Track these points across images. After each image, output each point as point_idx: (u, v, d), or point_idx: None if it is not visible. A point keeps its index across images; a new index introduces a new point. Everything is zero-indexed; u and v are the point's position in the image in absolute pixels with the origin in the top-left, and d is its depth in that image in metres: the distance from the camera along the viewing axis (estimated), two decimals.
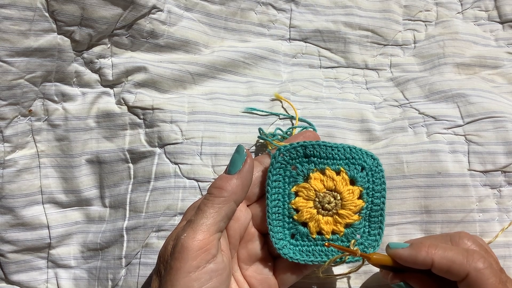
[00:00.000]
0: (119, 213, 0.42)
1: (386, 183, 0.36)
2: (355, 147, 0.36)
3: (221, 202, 0.32)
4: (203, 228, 0.31)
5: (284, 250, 0.35)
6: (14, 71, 0.39)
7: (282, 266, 0.36)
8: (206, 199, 0.32)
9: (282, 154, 0.35)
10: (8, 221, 0.40)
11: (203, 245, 0.30)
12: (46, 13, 0.39)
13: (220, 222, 0.32)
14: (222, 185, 0.32)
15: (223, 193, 0.32)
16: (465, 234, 0.35)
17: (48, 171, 0.42)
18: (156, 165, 0.41)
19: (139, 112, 0.43)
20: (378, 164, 0.36)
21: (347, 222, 0.35)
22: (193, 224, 0.31)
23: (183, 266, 0.29)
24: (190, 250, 0.30)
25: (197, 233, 0.30)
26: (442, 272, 0.32)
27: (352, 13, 0.48)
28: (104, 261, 0.41)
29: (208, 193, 0.33)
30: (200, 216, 0.31)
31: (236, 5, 0.47)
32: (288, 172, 0.36)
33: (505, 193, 0.41)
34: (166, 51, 0.45)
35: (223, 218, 0.32)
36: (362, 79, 0.48)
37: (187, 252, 0.30)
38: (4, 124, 0.40)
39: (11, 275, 0.41)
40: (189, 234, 0.30)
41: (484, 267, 0.31)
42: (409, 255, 0.33)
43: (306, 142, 0.35)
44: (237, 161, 0.34)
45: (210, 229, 0.31)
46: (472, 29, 0.49)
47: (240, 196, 0.33)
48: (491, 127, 0.42)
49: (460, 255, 0.32)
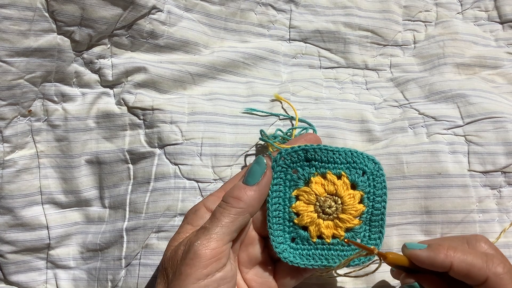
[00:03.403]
0: (119, 213, 0.42)
1: (387, 187, 0.36)
2: (356, 151, 0.36)
3: (237, 213, 0.32)
4: (217, 237, 0.31)
5: (284, 254, 0.34)
6: (13, 71, 0.39)
7: (282, 269, 0.36)
8: (222, 207, 0.32)
9: (283, 158, 0.35)
10: (8, 222, 0.40)
11: (215, 254, 0.30)
12: (46, 13, 0.39)
13: (233, 232, 0.32)
14: (240, 195, 0.32)
15: (240, 204, 0.32)
16: (482, 237, 0.35)
17: (48, 172, 0.42)
18: (156, 166, 0.41)
19: (139, 112, 0.42)
20: (379, 169, 0.36)
21: (348, 227, 0.35)
22: (207, 232, 0.31)
23: (194, 273, 0.29)
24: (203, 258, 0.30)
25: (211, 241, 0.30)
26: (460, 276, 0.32)
27: (352, 13, 0.48)
28: (104, 262, 0.41)
29: (224, 201, 0.32)
30: (215, 224, 0.31)
31: (236, 5, 0.47)
32: (289, 176, 0.35)
33: (505, 193, 0.41)
34: (166, 52, 0.45)
35: (237, 228, 0.32)
36: (362, 80, 0.48)
37: (199, 260, 0.30)
38: (4, 124, 0.40)
39: (10, 275, 0.41)
40: (202, 242, 0.30)
41: (504, 272, 0.31)
42: (428, 257, 0.32)
43: (308, 146, 0.35)
44: (257, 173, 0.34)
45: (224, 239, 0.31)
46: (472, 29, 0.49)
47: (256, 208, 0.33)
48: (491, 127, 0.42)
49: (479, 259, 0.31)
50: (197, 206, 0.34)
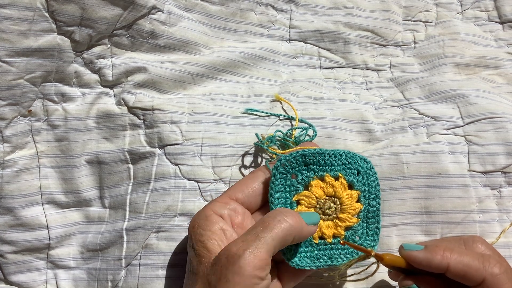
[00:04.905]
0: (119, 214, 0.42)
1: (380, 185, 0.37)
2: (349, 152, 0.37)
3: (290, 229, 0.32)
4: (267, 247, 0.31)
5: (292, 259, 0.35)
6: (13, 71, 0.39)
7: (285, 270, 0.36)
8: (278, 218, 0.32)
9: (284, 165, 0.36)
10: (8, 222, 0.40)
11: (263, 265, 0.30)
12: (46, 13, 0.39)
13: (279, 247, 0.32)
14: (300, 222, 0.33)
15: (297, 223, 0.32)
16: (479, 238, 0.35)
17: (48, 172, 0.42)
18: (156, 166, 0.41)
19: (139, 112, 0.42)
20: (371, 167, 0.37)
21: (347, 225, 0.36)
22: (259, 241, 0.31)
23: (242, 282, 0.29)
24: (252, 267, 0.30)
25: (261, 251, 0.30)
26: (457, 277, 0.32)
27: (352, 13, 0.48)
28: (104, 262, 0.41)
29: (281, 213, 0.33)
30: (268, 234, 0.31)
31: (236, 5, 0.47)
32: (289, 182, 0.36)
33: (505, 193, 0.41)
34: (166, 52, 0.45)
35: (283, 245, 0.32)
36: (362, 80, 0.48)
37: (249, 269, 0.29)
38: (4, 125, 0.40)
39: (10, 275, 0.41)
40: (253, 251, 0.30)
41: (501, 273, 0.31)
42: (424, 258, 0.32)
43: (305, 151, 0.36)
44: (314, 218, 0.35)
45: (271, 250, 0.31)
46: (472, 29, 0.49)
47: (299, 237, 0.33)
48: (491, 127, 0.42)
49: (476, 260, 0.31)
50: (207, 212, 0.34)
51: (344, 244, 0.34)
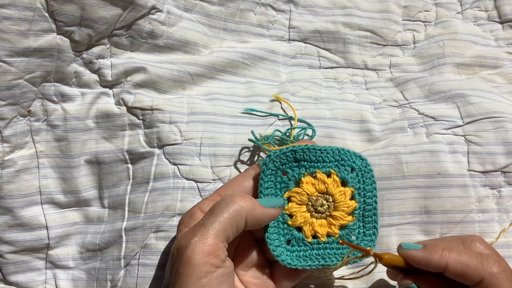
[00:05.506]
0: (118, 213, 0.42)
1: (378, 184, 0.36)
2: (343, 149, 0.36)
3: (237, 211, 0.31)
4: (215, 232, 0.30)
5: (282, 257, 0.34)
6: (13, 71, 0.39)
7: (279, 270, 0.36)
8: (224, 202, 0.31)
9: (273, 161, 0.35)
10: (7, 222, 0.40)
11: (213, 250, 0.29)
12: (46, 13, 0.39)
13: (229, 232, 0.31)
14: (252, 202, 0.32)
15: (243, 203, 0.32)
16: (477, 237, 0.35)
17: (47, 172, 0.42)
18: (155, 166, 0.41)
19: (138, 112, 0.43)
20: (367, 164, 0.36)
21: (341, 224, 0.35)
22: (204, 228, 0.30)
23: (193, 271, 0.29)
24: (201, 255, 0.29)
25: (208, 237, 0.29)
26: (455, 276, 0.32)
27: (351, 13, 0.48)
28: (103, 262, 0.41)
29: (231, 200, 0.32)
30: (213, 219, 0.30)
31: (235, 6, 0.47)
32: (279, 178, 0.36)
33: (504, 193, 0.40)
34: (165, 52, 0.45)
35: (233, 229, 0.31)
36: (362, 80, 0.48)
37: (198, 258, 0.29)
38: (3, 124, 0.40)
39: (9, 275, 0.41)
40: (200, 239, 0.29)
41: (499, 272, 0.31)
42: (423, 257, 0.32)
43: (296, 147, 0.35)
44: (273, 201, 0.34)
45: (221, 235, 0.30)
46: (471, 29, 0.49)
47: (253, 220, 0.32)
48: (490, 127, 0.41)
49: (474, 259, 0.31)
50: (193, 210, 0.34)
51: (343, 243, 0.34)
